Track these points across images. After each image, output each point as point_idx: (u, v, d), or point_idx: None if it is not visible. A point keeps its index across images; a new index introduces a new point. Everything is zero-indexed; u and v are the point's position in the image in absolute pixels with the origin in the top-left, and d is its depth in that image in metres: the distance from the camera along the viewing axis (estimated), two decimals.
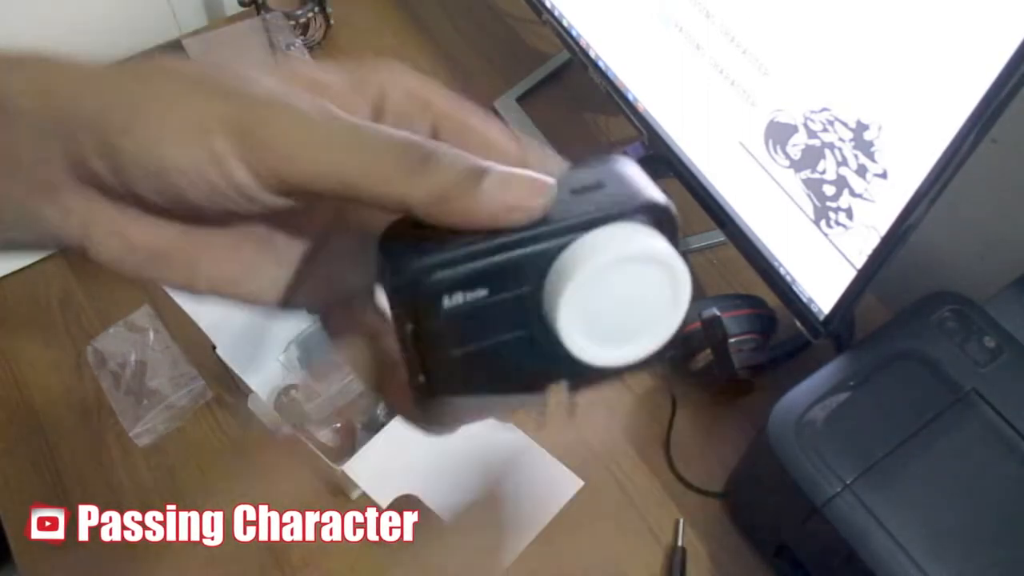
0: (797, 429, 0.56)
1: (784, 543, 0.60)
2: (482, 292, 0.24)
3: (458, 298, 0.24)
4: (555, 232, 0.24)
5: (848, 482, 0.53)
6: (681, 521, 0.66)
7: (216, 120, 0.25)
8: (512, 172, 0.25)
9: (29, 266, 0.78)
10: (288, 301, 0.29)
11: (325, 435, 0.67)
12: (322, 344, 0.70)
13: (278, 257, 0.29)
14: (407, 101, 0.28)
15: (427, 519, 0.55)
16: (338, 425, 0.67)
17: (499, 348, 0.25)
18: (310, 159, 0.25)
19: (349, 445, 0.66)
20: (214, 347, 0.64)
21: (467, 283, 0.24)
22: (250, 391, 0.63)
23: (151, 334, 0.74)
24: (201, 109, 0.25)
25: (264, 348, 0.70)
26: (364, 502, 0.62)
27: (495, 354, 0.25)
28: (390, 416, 0.66)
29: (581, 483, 0.55)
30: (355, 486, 0.63)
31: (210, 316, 0.63)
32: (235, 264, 0.28)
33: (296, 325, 0.71)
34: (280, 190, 0.25)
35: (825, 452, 0.54)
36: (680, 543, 0.65)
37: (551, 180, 0.25)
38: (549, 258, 0.24)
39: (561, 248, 0.24)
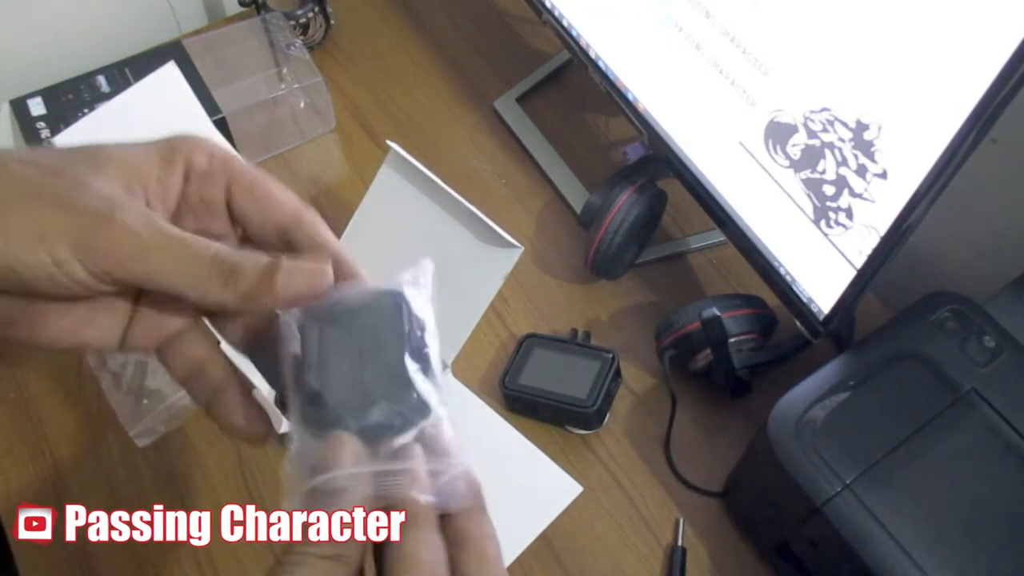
0: (797, 429, 0.56)
1: (784, 543, 0.60)
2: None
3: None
4: None
5: (848, 482, 0.53)
6: (681, 521, 0.66)
7: (56, 231, 0.30)
8: (296, 265, 0.32)
9: None
10: (124, 343, 0.35)
11: None
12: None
13: (109, 310, 0.34)
14: (208, 164, 0.35)
15: None
16: None
17: None
18: (139, 268, 0.31)
19: None
20: (218, 342, 0.64)
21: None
22: (252, 387, 0.63)
23: None
24: (42, 220, 0.30)
25: None
26: None
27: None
28: None
29: (580, 488, 0.55)
30: None
31: None
32: (72, 319, 0.33)
33: None
34: (113, 285, 0.31)
35: (825, 452, 0.54)
36: (680, 543, 0.65)
37: (326, 267, 0.32)
38: None
39: None
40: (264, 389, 0.61)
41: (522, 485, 0.57)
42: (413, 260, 0.65)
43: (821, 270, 0.60)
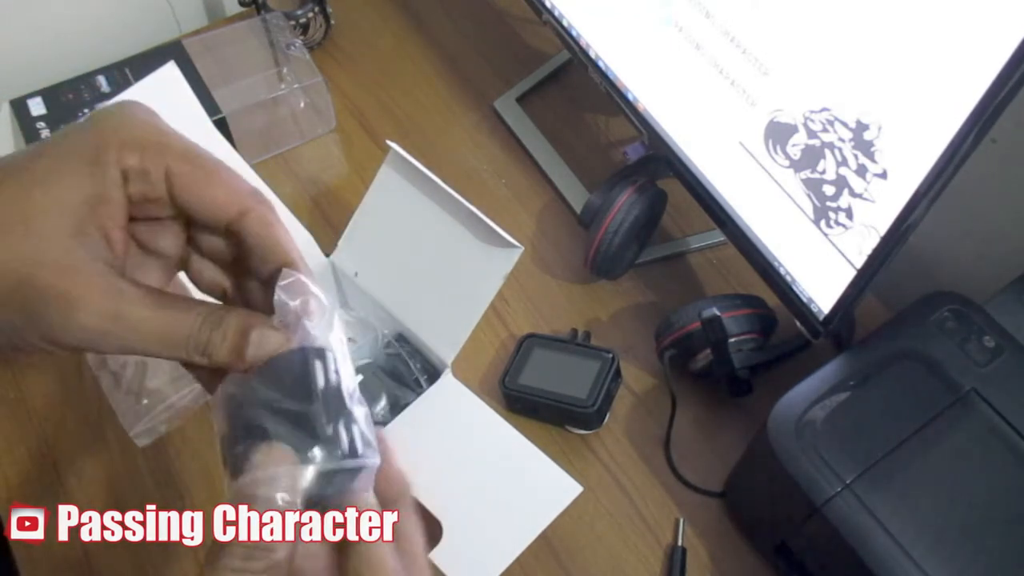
0: (797, 429, 0.56)
1: (784, 542, 0.60)
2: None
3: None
4: None
5: (848, 482, 0.53)
6: (681, 521, 0.66)
7: (21, 323, 0.31)
8: (264, 336, 0.33)
9: None
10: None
11: None
12: None
13: None
14: (140, 162, 0.33)
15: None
16: None
17: None
18: (112, 349, 0.32)
19: None
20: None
21: None
22: None
23: None
24: (4, 310, 0.31)
25: None
26: None
27: None
28: (391, 416, 0.66)
29: (580, 488, 0.55)
30: None
31: None
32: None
33: None
34: (75, 350, 0.32)
35: (825, 452, 0.54)
36: (680, 543, 0.65)
37: (291, 335, 0.34)
38: None
39: None
40: None
41: (522, 485, 0.57)
42: (412, 261, 0.64)
43: (821, 270, 0.60)
